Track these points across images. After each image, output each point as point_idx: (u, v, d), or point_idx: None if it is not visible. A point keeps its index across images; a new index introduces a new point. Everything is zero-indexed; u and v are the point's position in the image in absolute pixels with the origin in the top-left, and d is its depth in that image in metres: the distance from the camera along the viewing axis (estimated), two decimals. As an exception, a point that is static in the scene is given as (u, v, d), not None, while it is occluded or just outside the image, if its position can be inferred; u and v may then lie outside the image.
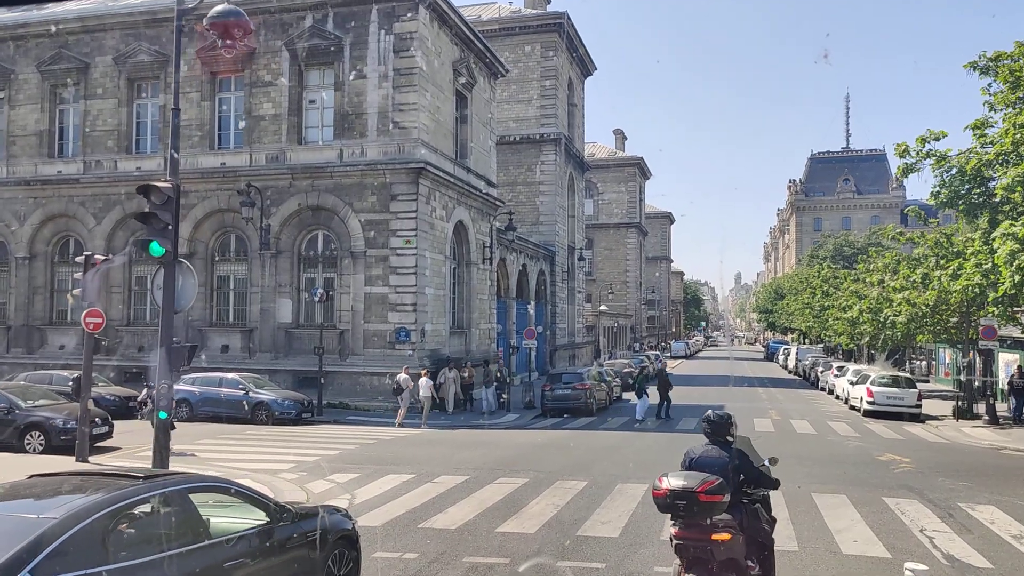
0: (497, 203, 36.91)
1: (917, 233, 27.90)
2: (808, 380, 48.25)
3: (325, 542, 6.97)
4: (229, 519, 6.43)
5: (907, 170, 24.74)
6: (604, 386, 31.11)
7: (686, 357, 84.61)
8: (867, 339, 40.28)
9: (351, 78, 28.49)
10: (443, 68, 30.76)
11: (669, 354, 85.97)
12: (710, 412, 7.51)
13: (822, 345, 59.51)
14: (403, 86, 28.21)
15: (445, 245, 30.86)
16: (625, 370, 40.45)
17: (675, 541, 6.71)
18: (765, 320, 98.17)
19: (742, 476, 7.14)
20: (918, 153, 24.39)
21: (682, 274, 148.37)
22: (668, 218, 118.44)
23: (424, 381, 25.81)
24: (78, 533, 4.95)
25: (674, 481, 6.60)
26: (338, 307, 28.76)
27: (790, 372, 58.75)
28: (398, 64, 28.22)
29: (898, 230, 29.05)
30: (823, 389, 40.39)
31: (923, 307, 26.56)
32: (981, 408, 27.49)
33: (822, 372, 41.02)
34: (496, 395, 27.99)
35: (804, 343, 76.38)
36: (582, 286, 59.11)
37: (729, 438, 7.35)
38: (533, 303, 45.97)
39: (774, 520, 7.75)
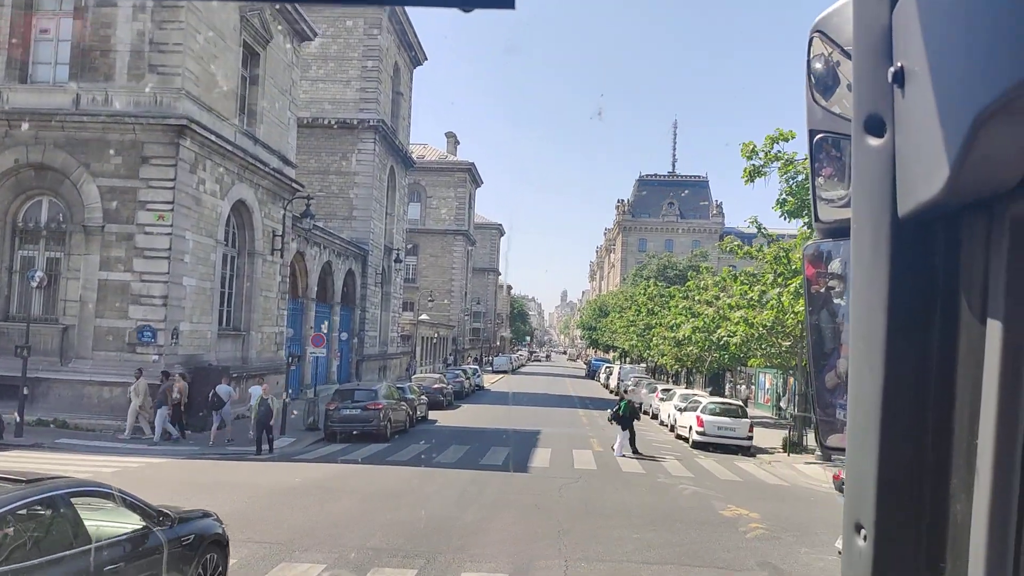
0: (295, 186, 31.41)
1: (755, 247, 25.29)
2: (630, 401, 45.84)
3: (199, 546, 7.22)
4: (106, 524, 6.39)
5: (754, 173, 21.90)
6: (405, 405, 26.39)
7: (509, 372, 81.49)
8: (692, 360, 38.06)
9: (96, 4, 22.26)
10: (225, 10, 25.02)
11: (491, 368, 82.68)
12: None
13: (644, 365, 57.95)
14: (166, 21, 22.34)
15: (217, 228, 25.08)
16: (435, 386, 35.93)
17: None
18: (588, 337, 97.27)
19: None
20: (767, 154, 21.60)
21: (510, 287, 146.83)
22: (498, 229, 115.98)
23: (256, 390, 21.50)
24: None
25: None
26: (63, 296, 22.31)
27: (612, 392, 56.63)
28: (161, -7, 22.35)
29: (736, 242, 26.44)
30: (647, 413, 37.75)
31: (760, 327, 23.90)
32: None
33: (646, 394, 38.42)
34: (175, 420, 21.26)
35: (626, 362, 75.35)
36: (399, 291, 54.20)
37: None
38: (338, 306, 40.61)
39: None
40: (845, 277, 1.16)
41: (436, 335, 72.15)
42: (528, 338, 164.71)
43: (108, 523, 6.37)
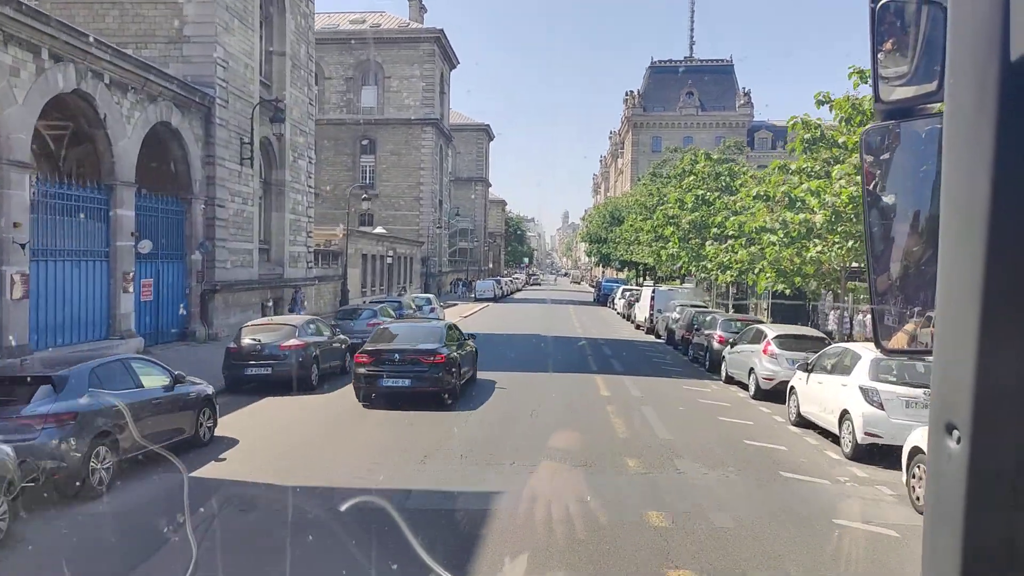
0: None
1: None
2: (676, 345, 27.02)
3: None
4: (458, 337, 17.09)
5: None
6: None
7: (494, 300, 62.21)
8: (820, 275, 18.76)
9: None
10: None
11: (474, 295, 63.55)
12: None
13: (692, 286, 38.90)
14: None
15: None
16: (287, 344, 16.67)
17: None
18: (597, 252, 77.62)
19: None
20: None
21: (504, 203, 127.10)
22: (485, 132, 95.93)
23: None
24: (446, 330, 16.11)
25: None
26: None
27: (637, 327, 37.73)
28: None
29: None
30: (736, 381, 18.74)
31: None
32: None
33: (731, 348, 19.01)
34: None
35: (643, 281, 56.41)
36: (305, 179, 34.42)
37: None
38: (128, 190, 21.14)
39: None
40: (906, 164, 1.09)
41: (391, 253, 52.42)
42: (527, 260, 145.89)
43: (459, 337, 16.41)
